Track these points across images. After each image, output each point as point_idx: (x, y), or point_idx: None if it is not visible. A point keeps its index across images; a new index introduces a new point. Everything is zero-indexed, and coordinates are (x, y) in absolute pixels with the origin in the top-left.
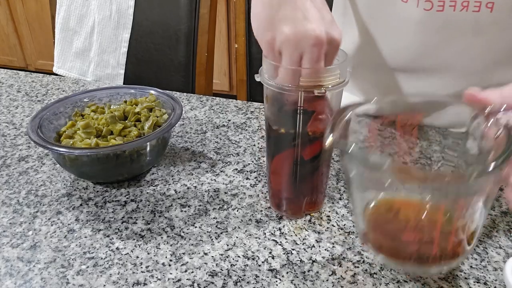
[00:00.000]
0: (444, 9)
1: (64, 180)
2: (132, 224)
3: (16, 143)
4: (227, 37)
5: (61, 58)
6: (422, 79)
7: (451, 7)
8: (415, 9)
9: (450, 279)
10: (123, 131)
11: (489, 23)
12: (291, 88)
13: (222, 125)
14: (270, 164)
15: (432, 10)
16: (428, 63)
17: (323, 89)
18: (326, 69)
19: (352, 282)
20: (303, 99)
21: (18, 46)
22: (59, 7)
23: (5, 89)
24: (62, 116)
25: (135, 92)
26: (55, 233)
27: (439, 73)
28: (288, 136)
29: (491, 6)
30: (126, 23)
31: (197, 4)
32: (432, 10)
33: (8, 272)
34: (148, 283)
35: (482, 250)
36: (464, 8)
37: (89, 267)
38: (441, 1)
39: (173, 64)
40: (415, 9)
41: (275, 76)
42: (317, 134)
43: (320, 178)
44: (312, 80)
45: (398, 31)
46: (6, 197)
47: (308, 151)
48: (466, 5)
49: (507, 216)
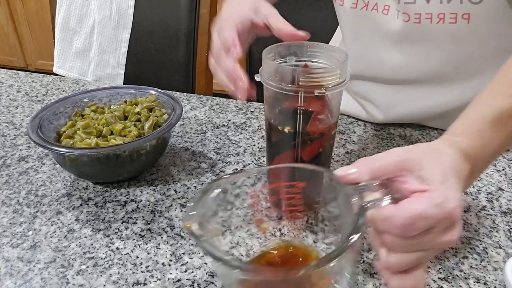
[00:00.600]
0: (420, 21)
1: (64, 180)
2: (132, 224)
3: (16, 143)
4: None
5: (61, 58)
6: (413, 89)
7: (427, 19)
8: (395, 20)
9: (450, 279)
10: (123, 131)
11: (467, 34)
12: (291, 88)
13: (222, 125)
14: (269, 164)
15: (410, 22)
16: (412, 75)
17: (323, 89)
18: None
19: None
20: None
21: (18, 46)
22: (59, 7)
23: (5, 89)
24: (62, 116)
25: (135, 92)
26: (55, 233)
27: (425, 84)
28: (288, 136)
29: (467, 17)
30: (126, 23)
31: (197, 4)
32: (409, 22)
33: (8, 272)
34: (148, 283)
35: (482, 250)
36: (441, 20)
37: (89, 267)
38: (417, 14)
39: (173, 64)
40: (396, 21)
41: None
42: (316, 134)
43: None
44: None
45: (381, 44)
46: (6, 197)
47: (307, 151)
48: (442, 17)
49: (507, 216)
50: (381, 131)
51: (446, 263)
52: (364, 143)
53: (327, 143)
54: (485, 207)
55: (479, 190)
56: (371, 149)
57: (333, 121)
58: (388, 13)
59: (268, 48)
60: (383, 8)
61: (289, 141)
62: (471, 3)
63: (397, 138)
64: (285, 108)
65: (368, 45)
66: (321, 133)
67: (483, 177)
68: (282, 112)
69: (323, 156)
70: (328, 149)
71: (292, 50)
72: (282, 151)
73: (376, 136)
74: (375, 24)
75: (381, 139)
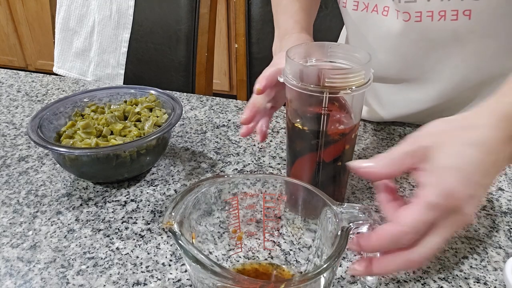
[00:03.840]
0: (421, 19)
1: (64, 180)
2: (132, 224)
3: (16, 143)
4: (227, 37)
5: (61, 58)
6: (413, 89)
7: (428, 17)
8: (395, 21)
9: (450, 279)
10: (123, 131)
11: (468, 31)
12: (316, 88)
13: (222, 125)
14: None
15: (411, 20)
16: (413, 74)
17: (348, 90)
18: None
19: (352, 282)
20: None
21: (18, 46)
22: (59, 7)
23: (5, 89)
24: (62, 116)
25: (135, 92)
26: (55, 233)
27: (427, 83)
28: (311, 137)
29: (468, 14)
30: (126, 23)
31: (197, 4)
32: (410, 20)
33: (8, 272)
34: (148, 283)
35: (482, 250)
36: (442, 17)
37: (89, 267)
38: (418, 12)
39: (173, 64)
40: (396, 21)
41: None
42: (339, 135)
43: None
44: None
45: (382, 44)
46: (6, 197)
47: (330, 152)
48: (443, 15)
49: (507, 216)
50: (381, 131)
51: (446, 263)
52: (364, 143)
53: (349, 144)
54: (485, 207)
55: None
56: (371, 149)
57: (355, 122)
58: (388, 14)
59: (290, 48)
60: (383, 9)
61: (312, 142)
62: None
63: (397, 138)
64: (308, 109)
65: (370, 46)
66: (343, 134)
67: None
68: (305, 112)
69: (345, 158)
70: (350, 151)
71: (313, 50)
72: (304, 152)
73: (376, 136)
74: (376, 25)
75: (381, 139)
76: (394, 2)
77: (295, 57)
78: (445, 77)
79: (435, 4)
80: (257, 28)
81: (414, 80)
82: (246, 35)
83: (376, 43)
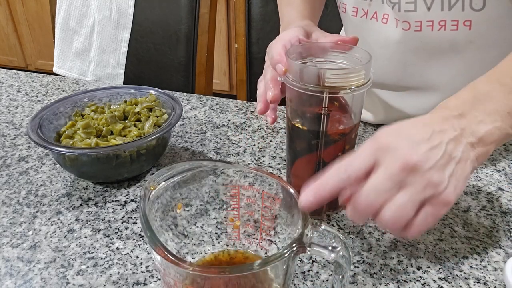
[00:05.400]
0: (421, 29)
1: (64, 180)
2: (132, 224)
3: (16, 143)
4: (227, 37)
5: (61, 58)
6: (413, 97)
7: (428, 27)
8: (395, 29)
9: (450, 279)
10: (123, 131)
11: (468, 42)
12: (316, 88)
13: (222, 125)
14: (290, 168)
15: (410, 30)
16: (412, 82)
17: (348, 90)
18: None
19: (352, 282)
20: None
21: (18, 46)
22: (59, 7)
23: (5, 89)
24: (62, 116)
25: (135, 92)
26: (55, 233)
27: (426, 91)
28: (311, 137)
29: (469, 24)
30: (126, 23)
31: (197, 4)
32: (410, 30)
33: (8, 272)
34: (148, 283)
35: (482, 250)
36: (442, 27)
37: (89, 267)
38: (418, 21)
39: (173, 64)
40: (395, 30)
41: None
42: (339, 135)
43: None
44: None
45: (381, 51)
46: (6, 197)
47: (329, 152)
48: (443, 25)
49: (507, 216)
50: None
51: (446, 263)
52: None
53: (349, 144)
54: (485, 207)
55: (479, 190)
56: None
57: (355, 122)
58: (388, 22)
59: (290, 48)
60: (382, 16)
61: (312, 142)
62: (473, 10)
63: None
64: (308, 108)
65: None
66: (343, 134)
67: (483, 177)
68: (305, 112)
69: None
70: (350, 151)
71: (313, 50)
72: (305, 153)
73: None
74: (375, 32)
75: None
76: (393, 10)
77: (295, 57)
78: (445, 85)
79: (436, 14)
80: (257, 28)
81: (414, 87)
82: (246, 35)
83: (375, 49)
